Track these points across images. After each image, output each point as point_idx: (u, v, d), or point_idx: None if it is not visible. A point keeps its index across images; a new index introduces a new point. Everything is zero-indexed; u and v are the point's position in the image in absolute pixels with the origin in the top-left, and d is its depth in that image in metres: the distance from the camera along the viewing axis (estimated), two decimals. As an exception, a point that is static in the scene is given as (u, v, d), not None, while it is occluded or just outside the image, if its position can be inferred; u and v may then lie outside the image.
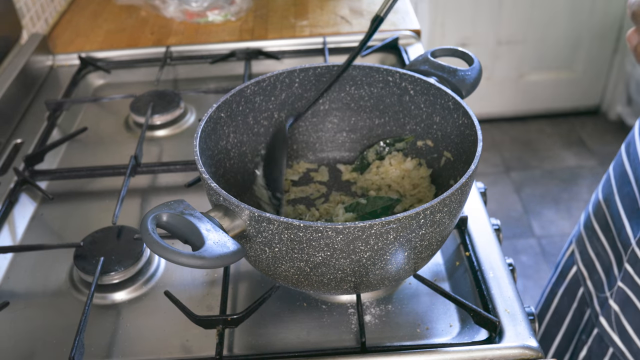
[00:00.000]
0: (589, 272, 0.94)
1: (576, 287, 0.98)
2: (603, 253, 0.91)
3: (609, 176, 0.92)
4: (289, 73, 0.77)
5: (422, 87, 0.75)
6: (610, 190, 0.90)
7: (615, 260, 0.87)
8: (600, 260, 0.91)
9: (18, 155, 0.96)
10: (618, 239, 0.87)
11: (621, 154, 0.90)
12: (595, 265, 0.92)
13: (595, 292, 0.92)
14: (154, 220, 0.53)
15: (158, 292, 0.73)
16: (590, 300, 0.93)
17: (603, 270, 0.90)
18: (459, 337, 0.66)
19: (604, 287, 0.90)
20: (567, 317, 1.00)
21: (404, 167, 0.79)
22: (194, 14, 1.31)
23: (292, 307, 0.70)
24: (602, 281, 0.90)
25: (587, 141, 2.58)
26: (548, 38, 2.51)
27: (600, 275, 0.91)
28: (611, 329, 0.87)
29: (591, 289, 0.93)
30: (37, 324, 0.71)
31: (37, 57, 1.15)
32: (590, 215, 0.96)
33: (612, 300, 0.87)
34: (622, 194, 0.86)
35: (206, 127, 0.68)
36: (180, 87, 1.17)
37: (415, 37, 1.22)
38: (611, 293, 0.87)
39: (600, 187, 0.95)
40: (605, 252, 0.90)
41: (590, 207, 0.97)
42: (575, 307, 0.98)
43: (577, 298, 0.98)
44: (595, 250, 0.93)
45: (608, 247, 0.89)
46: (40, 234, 0.84)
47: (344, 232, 0.54)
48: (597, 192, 0.96)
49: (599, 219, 0.93)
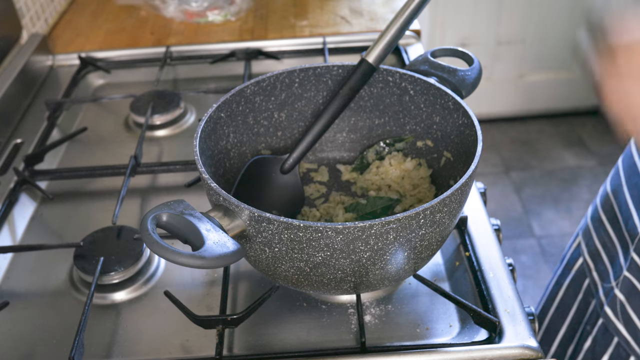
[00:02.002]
0: (595, 262, 0.94)
1: (582, 279, 0.98)
2: (609, 243, 0.91)
3: (618, 168, 0.93)
4: (289, 73, 0.77)
5: (422, 87, 0.75)
6: (618, 182, 0.91)
7: (621, 250, 0.88)
8: (606, 250, 0.91)
9: (18, 155, 0.96)
10: (625, 229, 0.87)
11: (630, 146, 0.90)
12: (601, 255, 0.92)
13: (601, 282, 0.92)
14: (154, 220, 0.53)
15: (158, 292, 0.73)
16: (595, 290, 0.93)
17: (609, 260, 0.91)
18: (459, 337, 0.66)
19: (609, 277, 0.90)
20: (572, 309, 1.00)
21: (404, 167, 0.79)
22: (193, 14, 1.31)
23: (292, 307, 0.70)
24: (607, 271, 0.91)
25: (587, 141, 2.58)
26: (548, 38, 2.51)
27: (606, 265, 0.91)
28: (616, 318, 0.87)
29: (596, 279, 0.93)
30: (37, 324, 0.71)
31: (37, 57, 1.15)
32: (597, 208, 0.96)
33: (618, 289, 0.87)
34: (631, 184, 0.87)
35: (206, 127, 0.68)
36: (180, 87, 1.17)
37: (415, 37, 1.22)
38: (617, 283, 0.87)
39: (608, 179, 0.96)
40: (612, 242, 0.90)
41: (598, 200, 0.97)
42: (580, 298, 0.98)
43: (583, 289, 0.98)
44: (601, 241, 0.93)
45: (614, 237, 0.89)
46: (40, 234, 0.84)
47: (344, 232, 0.54)
48: (605, 185, 0.96)
49: (606, 211, 0.93)
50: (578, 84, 2.64)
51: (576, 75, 2.61)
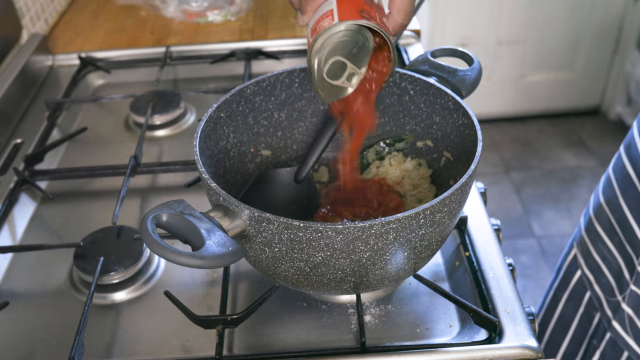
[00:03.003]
0: (595, 276, 0.94)
1: (582, 292, 0.97)
2: (610, 257, 0.90)
3: (610, 179, 0.91)
4: (289, 73, 0.77)
5: (422, 87, 0.75)
6: (612, 193, 0.89)
7: (625, 264, 0.87)
8: (607, 264, 0.91)
9: (18, 155, 0.96)
10: (627, 242, 0.86)
11: (621, 155, 0.89)
12: (602, 269, 0.92)
13: (605, 296, 0.91)
14: (154, 220, 0.53)
15: (158, 292, 0.73)
16: (599, 304, 0.93)
17: (611, 274, 0.90)
18: (459, 337, 0.66)
19: (614, 291, 0.89)
20: (574, 323, 0.99)
21: (404, 167, 0.79)
22: (193, 14, 1.31)
23: (292, 307, 0.70)
24: (611, 285, 0.90)
25: (587, 141, 2.58)
26: (548, 38, 2.51)
27: (609, 279, 0.90)
28: (625, 332, 0.87)
29: (599, 293, 0.92)
30: (37, 324, 0.71)
31: (37, 57, 1.15)
32: (592, 219, 0.95)
33: (625, 304, 0.86)
34: (627, 197, 0.85)
35: (206, 127, 0.68)
36: (180, 87, 1.17)
37: (415, 37, 1.22)
38: (623, 297, 0.86)
39: (600, 189, 0.94)
40: (612, 255, 0.89)
41: (590, 210, 0.96)
42: (582, 311, 0.97)
43: (584, 303, 0.97)
44: (600, 254, 0.92)
45: (615, 251, 0.88)
46: (40, 234, 0.84)
47: (344, 232, 0.54)
48: (597, 195, 0.94)
49: (602, 222, 0.92)
50: (578, 84, 2.64)
51: (576, 75, 2.62)
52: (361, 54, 0.63)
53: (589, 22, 2.47)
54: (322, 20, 0.60)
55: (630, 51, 2.48)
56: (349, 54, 0.62)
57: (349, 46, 0.62)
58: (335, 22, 0.59)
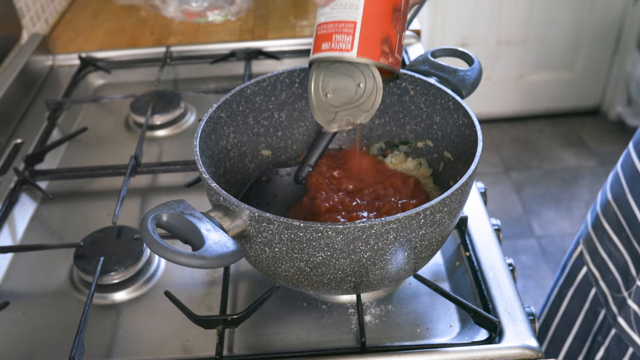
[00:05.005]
0: (601, 272, 0.93)
1: (587, 288, 0.97)
2: (616, 253, 0.90)
3: (618, 176, 0.91)
4: (289, 73, 0.77)
5: (422, 87, 0.75)
6: (621, 190, 0.89)
7: (631, 259, 0.87)
8: (614, 260, 0.91)
9: (18, 155, 0.96)
10: (634, 239, 0.86)
11: (630, 153, 0.89)
12: (608, 265, 0.91)
13: (610, 293, 0.91)
14: (154, 220, 0.53)
15: (158, 292, 0.73)
16: (605, 301, 0.92)
17: (618, 271, 0.90)
18: (459, 337, 0.66)
19: (619, 287, 0.89)
20: (579, 319, 0.99)
21: (404, 167, 0.79)
22: (194, 14, 1.31)
23: (292, 307, 0.70)
24: (617, 281, 0.90)
25: (587, 141, 2.58)
26: (548, 38, 2.51)
27: (615, 276, 0.90)
28: (631, 328, 0.87)
29: (605, 289, 0.92)
30: (37, 324, 0.71)
31: (37, 57, 1.15)
32: (599, 216, 0.94)
33: (631, 300, 0.86)
34: (635, 193, 0.85)
35: (206, 127, 0.68)
36: (180, 87, 1.17)
37: (415, 37, 1.22)
38: (629, 293, 0.86)
39: (608, 186, 0.94)
40: (619, 252, 0.89)
41: (598, 207, 0.96)
42: (587, 308, 0.97)
43: (589, 299, 0.97)
44: (607, 251, 0.92)
45: (622, 247, 0.88)
46: (40, 234, 0.84)
47: (344, 232, 0.54)
48: (605, 192, 0.94)
49: (609, 219, 0.92)
50: (578, 84, 2.64)
51: (576, 76, 2.62)
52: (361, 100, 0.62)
53: (589, 22, 2.47)
54: (338, 30, 0.56)
55: (631, 51, 2.48)
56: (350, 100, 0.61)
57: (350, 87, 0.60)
58: (353, 54, 0.56)
